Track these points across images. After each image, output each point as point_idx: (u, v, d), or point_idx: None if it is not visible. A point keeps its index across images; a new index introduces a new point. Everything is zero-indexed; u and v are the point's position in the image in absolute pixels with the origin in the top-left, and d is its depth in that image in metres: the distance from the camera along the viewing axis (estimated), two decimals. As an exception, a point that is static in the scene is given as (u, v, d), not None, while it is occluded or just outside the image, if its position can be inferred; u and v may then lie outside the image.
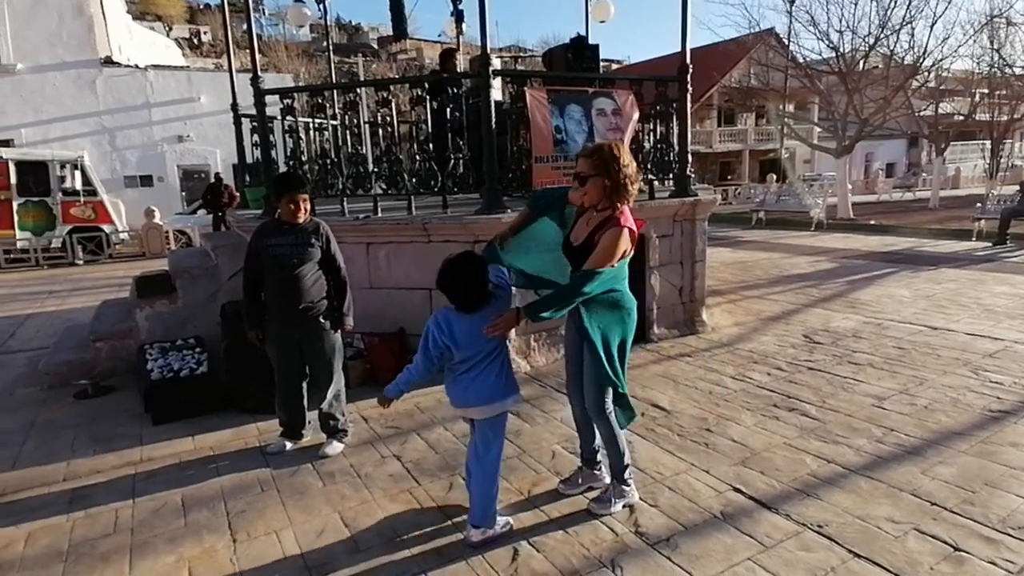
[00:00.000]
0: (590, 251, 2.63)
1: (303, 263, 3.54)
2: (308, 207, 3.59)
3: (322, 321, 3.62)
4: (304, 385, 3.76)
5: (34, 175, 13.88)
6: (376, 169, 5.62)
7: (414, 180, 5.21)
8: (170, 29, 48.48)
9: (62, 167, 14.36)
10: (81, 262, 13.77)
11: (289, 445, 3.74)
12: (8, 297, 9.45)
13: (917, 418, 3.82)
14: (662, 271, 5.76)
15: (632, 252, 2.69)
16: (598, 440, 3.04)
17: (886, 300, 7.04)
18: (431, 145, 5.25)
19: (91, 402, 4.69)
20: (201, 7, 61.03)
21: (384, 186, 5.45)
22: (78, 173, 14.52)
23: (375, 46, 61.37)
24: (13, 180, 13.57)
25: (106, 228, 14.52)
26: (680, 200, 5.76)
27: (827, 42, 16.32)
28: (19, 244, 13.67)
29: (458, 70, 7.64)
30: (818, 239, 13.04)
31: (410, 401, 4.32)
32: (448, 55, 7.57)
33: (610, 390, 2.82)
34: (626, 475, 2.94)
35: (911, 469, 3.21)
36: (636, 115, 5.48)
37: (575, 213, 2.80)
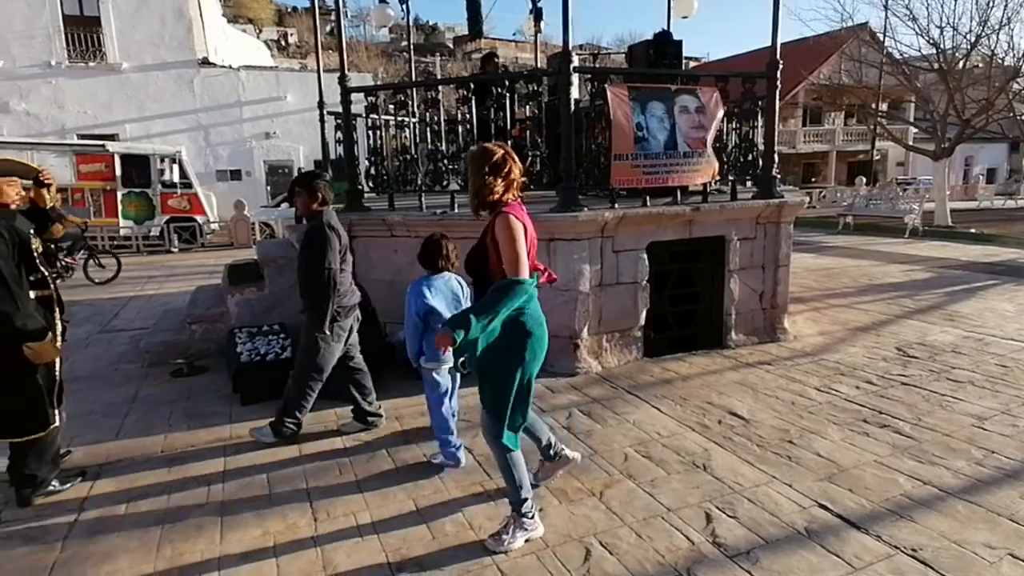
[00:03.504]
0: (484, 253, 2.55)
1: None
2: (303, 200, 3.60)
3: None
4: (355, 375, 3.88)
5: (136, 168, 14.88)
6: (453, 166, 5.69)
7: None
8: (260, 31, 51.00)
9: (161, 161, 15.38)
10: (176, 250, 14.72)
11: (361, 430, 3.88)
12: (112, 281, 10.19)
13: (1019, 440, 3.54)
14: (742, 275, 5.56)
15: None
16: (548, 435, 3.08)
17: (988, 314, 6.54)
18: (508, 143, 5.27)
19: (186, 380, 5.00)
20: (289, 11, 63.87)
21: (461, 182, 5.52)
22: (176, 167, 15.53)
23: (451, 45, 62.37)
24: (118, 172, 14.61)
25: (199, 219, 15.44)
26: (764, 202, 5.54)
27: (927, 38, 15.30)
28: (122, 232, 14.73)
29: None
30: (912, 247, 12.23)
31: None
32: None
33: (506, 418, 2.61)
34: (524, 508, 2.69)
35: (1010, 493, 3.00)
36: (721, 113, 5.32)
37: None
